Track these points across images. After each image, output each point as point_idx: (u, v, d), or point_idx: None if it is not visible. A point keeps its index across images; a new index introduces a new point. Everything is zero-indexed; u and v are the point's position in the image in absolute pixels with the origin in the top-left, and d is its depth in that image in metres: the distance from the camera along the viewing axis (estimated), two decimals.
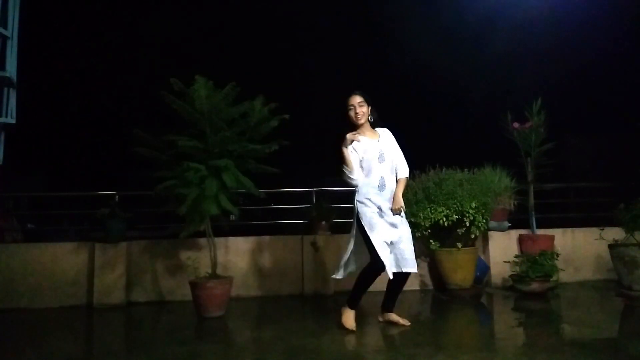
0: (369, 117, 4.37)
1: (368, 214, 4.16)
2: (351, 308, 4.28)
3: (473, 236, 6.08)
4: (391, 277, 4.16)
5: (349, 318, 4.25)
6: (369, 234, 4.10)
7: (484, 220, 6.04)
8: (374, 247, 4.06)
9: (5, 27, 5.69)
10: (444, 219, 5.94)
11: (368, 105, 4.34)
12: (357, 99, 4.30)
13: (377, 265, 4.04)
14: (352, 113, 4.30)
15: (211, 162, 4.89)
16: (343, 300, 4.41)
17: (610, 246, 5.53)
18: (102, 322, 5.24)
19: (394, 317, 4.44)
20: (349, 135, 4.29)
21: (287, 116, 5.19)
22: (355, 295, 4.26)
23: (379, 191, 4.22)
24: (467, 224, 5.95)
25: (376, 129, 4.45)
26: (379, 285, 4.31)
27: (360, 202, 4.21)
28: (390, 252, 4.22)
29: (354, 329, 4.16)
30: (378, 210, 4.19)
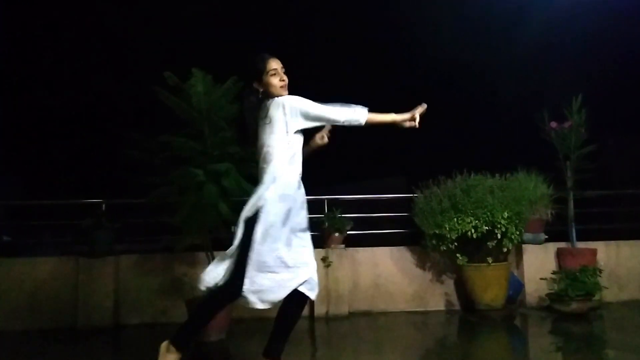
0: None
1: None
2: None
3: (505, 250, 6.07)
4: None
5: None
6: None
7: (518, 232, 6.02)
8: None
9: None
10: (473, 230, 5.93)
11: None
12: (280, 64, 3.52)
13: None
14: (275, 80, 3.46)
15: (210, 166, 4.91)
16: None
17: None
18: (87, 347, 5.26)
19: None
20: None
21: None
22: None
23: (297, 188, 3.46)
24: (499, 236, 5.94)
25: None
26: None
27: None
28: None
29: None
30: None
